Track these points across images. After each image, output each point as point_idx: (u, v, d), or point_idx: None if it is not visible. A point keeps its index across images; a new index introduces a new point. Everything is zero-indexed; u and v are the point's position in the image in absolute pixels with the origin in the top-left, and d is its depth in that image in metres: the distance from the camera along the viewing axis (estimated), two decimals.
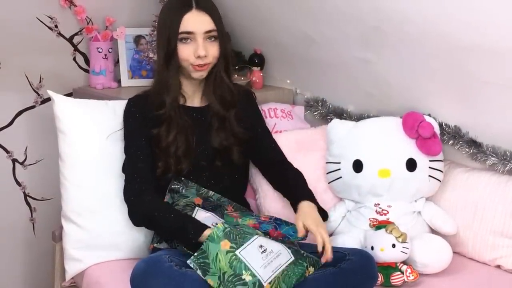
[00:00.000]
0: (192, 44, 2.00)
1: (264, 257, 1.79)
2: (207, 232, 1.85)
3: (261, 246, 1.81)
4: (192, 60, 2.00)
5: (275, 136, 2.27)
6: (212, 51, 2.02)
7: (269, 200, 2.26)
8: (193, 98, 2.12)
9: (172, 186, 2.03)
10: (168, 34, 2.00)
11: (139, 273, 1.77)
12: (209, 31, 2.01)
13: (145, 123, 2.05)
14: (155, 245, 2.01)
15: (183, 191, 2.03)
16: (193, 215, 1.98)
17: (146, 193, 1.99)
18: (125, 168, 2.06)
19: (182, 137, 2.04)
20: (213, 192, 2.06)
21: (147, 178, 2.01)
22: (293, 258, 1.84)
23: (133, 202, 1.99)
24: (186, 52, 2.00)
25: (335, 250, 1.95)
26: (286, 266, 1.81)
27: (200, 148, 2.07)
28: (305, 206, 1.98)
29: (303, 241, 1.95)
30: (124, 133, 2.10)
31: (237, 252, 1.77)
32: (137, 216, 2.00)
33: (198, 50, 1.99)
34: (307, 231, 1.92)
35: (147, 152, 2.04)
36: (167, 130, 2.03)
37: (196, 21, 1.99)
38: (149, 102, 2.07)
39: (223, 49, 2.05)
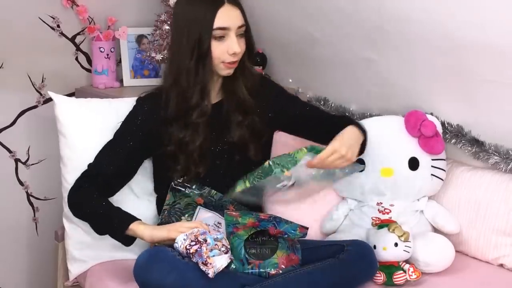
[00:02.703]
0: (224, 41, 1.90)
1: None
2: (133, 226, 1.87)
3: None
4: (225, 57, 1.91)
5: (277, 134, 2.25)
6: (242, 46, 1.94)
7: (274, 201, 2.26)
8: (210, 94, 2.01)
9: (174, 186, 2.03)
10: (199, 32, 1.88)
11: (142, 263, 1.77)
12: (241, 26, 1.93)
13: (147, 128, 1.99)
14: (156, 244, 2.00)
15: (185, 190, 2.03)
16: (194, 215, 1.98)
17: (92, 181, 1.97)
18: (99, 152, 2.02)
19: (205, 142, 1.97)
20: (215, 192, 2.03)
21: (106, 171, 1.98)
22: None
23: (70, 194, 2.00)
24: (219, 49, 1.90)
25: (334, 243, 1.98)
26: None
27: (215, 146, 2.02)
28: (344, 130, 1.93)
29: (302, 239, 1.95)
30: (117, 130, 2.05)
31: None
32: (72, 210, 2.00)
33: (233, 47, 1.89)
34: (306, 228, 1.93)
35: (123, 153, 2.00)
36: (192, 136, 1.96)
37: (230, 16, 1.90)
38: (165, 102, 1.97)
39: (249, 41, 1.98)
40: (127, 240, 1.93)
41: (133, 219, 1.90)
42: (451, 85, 2.21)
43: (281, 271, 1.86)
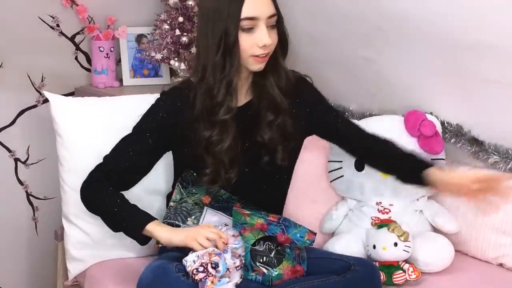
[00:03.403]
0: (253, 32, 1.76)
1: None
2: (150, 227, 1.79)
3: None
4: (255, 50, 1.77)
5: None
6: (274, 38, 1.79)
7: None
8: (238, 94, 1.88)
9: (181, 181, 1.98)
10: (225, 23, 1.74)
11: (146, 283, 1.72)
12: (272, 16, 1.77)
13: (169, 123, 1.89)
14: (159, 245, 1.97)
15: (193, 189, 1.97)
16: (201, 217, 1.92)
17: (101, 185, 1.88)
18: (116, 145, 1.93)
19: (235, 144, 1.85)
20: (224, 191, 1.95)
21: (120, 166, 1.90)
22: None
23: (83, 188, 1.91)
24: (248, 42, 1.76)
25: (340, 258, 1.91)
26: None
27: (241, 148, 1.89)
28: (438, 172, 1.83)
29: (310, 246, 1.94)
30: (136, 124, 1.93)
31: None
32: (85, 204, 1.92)
33: (263, 38, 1.74)
34: (315, 234, 1.91)
35: (139, 156, 1.91)
36: (220, 135, 1.82)
37: (259, 4, 1.75)
38: (192, 100, 1.86)
39: (282, 33, 1.84)
40: (143, 240, 1.85)
41: (150, 219, 1.82)
42: (450, 84, 2.21)
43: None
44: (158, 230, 1.81)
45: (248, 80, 1.90)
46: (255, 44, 1.77)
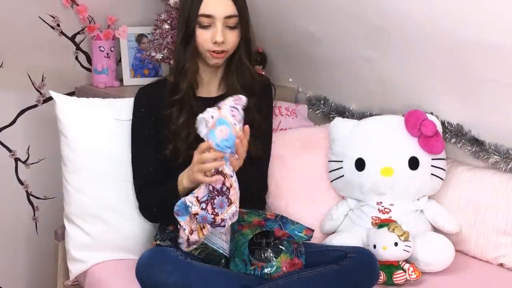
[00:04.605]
0: (210, 29, 1.93)
1: None
2: (180, 178, 1.87)
3: None
4: (209, 46, 1.94)
5: (280, 133, 2.22)
6: (230, 38, 1.95)
7: (272, 198, 2.26)
8: (209, 86, 2.07)
9: None
10: (187, 16, 1.93)
11: (145, 262, 1.77)
12: (230, 17, 1.93)
13: (153, 113, 2.02)
14: (157, 242, 1.99)
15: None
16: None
17: (144, 190, 2.01)
18: (132, 162, 2.06)
19: (194, 122, 1.94)
20: None
21: (148, 173, 2.01)
22: None
23: (141, 213, 2.05)
24: (203, 37, 1.93)
25: (337, 248, 1.96)
26: None
27: None
28: None
29: (307, 241, 1.94)
30: (131, 124, 2.07)
31: None
32: (145, 215, 2.05)
33: (216, 36, 1.91)
34: (312, 230, 1.92)
35: (151, 146, 2.01)
36: (178, 112, 1.97)
37: (216, 4, 1.92)
38: (165, 87, 2.02)
39: (244, 35, 1.99)
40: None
41: (176, 182, 1.89)
42: (451, 84, 2.21)
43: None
44: (183, 185, 1.87)
45: (216, 73, 2.06)
46: (209, 40, 1.93)
